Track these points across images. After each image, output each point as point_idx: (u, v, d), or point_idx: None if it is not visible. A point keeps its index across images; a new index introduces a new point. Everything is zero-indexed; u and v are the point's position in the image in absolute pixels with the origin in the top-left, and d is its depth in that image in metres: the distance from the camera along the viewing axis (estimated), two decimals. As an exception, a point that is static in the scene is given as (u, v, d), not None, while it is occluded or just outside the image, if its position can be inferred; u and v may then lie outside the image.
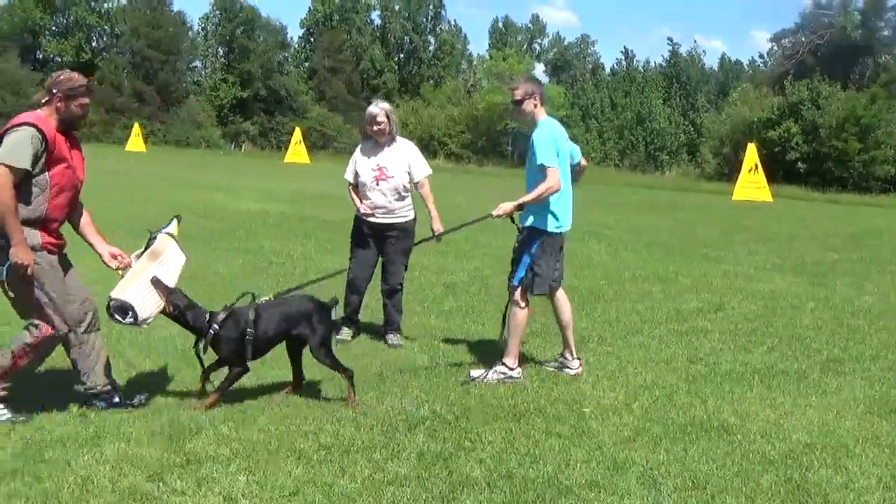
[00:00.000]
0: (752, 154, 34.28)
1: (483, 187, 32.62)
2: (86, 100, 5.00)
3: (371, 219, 7.38)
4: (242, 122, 69.45)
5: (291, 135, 50.70)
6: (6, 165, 4.62)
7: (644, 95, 75.78)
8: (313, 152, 52.06)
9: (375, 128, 7.29)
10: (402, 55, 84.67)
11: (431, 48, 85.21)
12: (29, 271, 4.71)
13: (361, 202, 7.42)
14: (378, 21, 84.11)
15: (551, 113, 6.71)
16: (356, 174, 7.44)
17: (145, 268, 5.19)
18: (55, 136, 4.83)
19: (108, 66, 64.69)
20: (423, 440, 4.98)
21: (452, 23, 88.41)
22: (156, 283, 5.16)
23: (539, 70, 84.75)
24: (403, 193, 7.34)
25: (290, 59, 79.42)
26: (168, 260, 5.32)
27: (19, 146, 4.68)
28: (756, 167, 34.16)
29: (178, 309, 5.31)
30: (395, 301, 7.52)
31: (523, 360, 6.67)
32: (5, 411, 4.92)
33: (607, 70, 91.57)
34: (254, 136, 69.21)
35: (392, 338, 7.41)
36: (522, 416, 5.51)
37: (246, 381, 5.76)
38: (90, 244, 5.33)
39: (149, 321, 5.17)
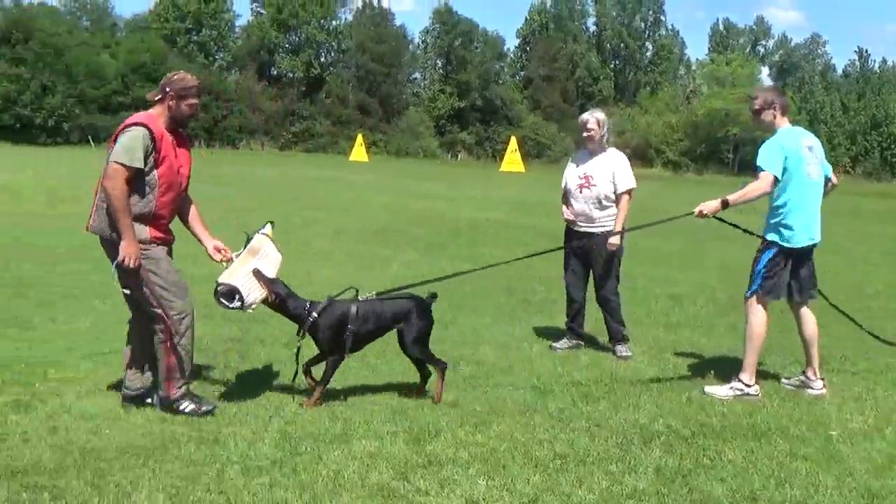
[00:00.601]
0: None
1: (703, 196, 31.67)
2: (195, 101, 5.22)
3: (574, 227, 7.39)
4: (459, 131, 70.97)
5: (506, 144, 51.27)
6: (120, 163, 4.91)
7: (880, 98, 70.69)
8: (528, 161, 52.42)
9: (585, 134, 7.32)
10: (617, 62, 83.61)
11: (648, 54, 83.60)
12: (135, 263, 4.96)
13: (568, 209, 7.42)
14: (593, 28, 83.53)
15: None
16: (566, 181, 7.46)
17: (246, 261, 5.44)
18: (163, 134, 5.09)
19: (335, 80, 68.05)
20: (659, 455, 4.89)
21: (670, 27, 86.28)
22: (257, 274, 5.40)
23: (764, 73, 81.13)
24: (605, 203, 7.24)
25: (505, 69, 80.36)
26: (266, 254, 5.57)
27: (132, 145, 4.95)
28: None
29: (280, 297, 5.51)
30: (609, 311, 7.42)
31: (760, 376, 6.39)
32: (188, 404, 5.22)
33: (839, 71, 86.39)
34: (469, 146, 70.58)
35: (620, 349, 7.32)
36: (763, 436, 5.29)
37: (465, 382, 5.87)
38: (196, 237, 5.56)
39: (253, 307, 5.40)
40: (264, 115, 62.40)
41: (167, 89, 5.12)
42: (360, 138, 52.98)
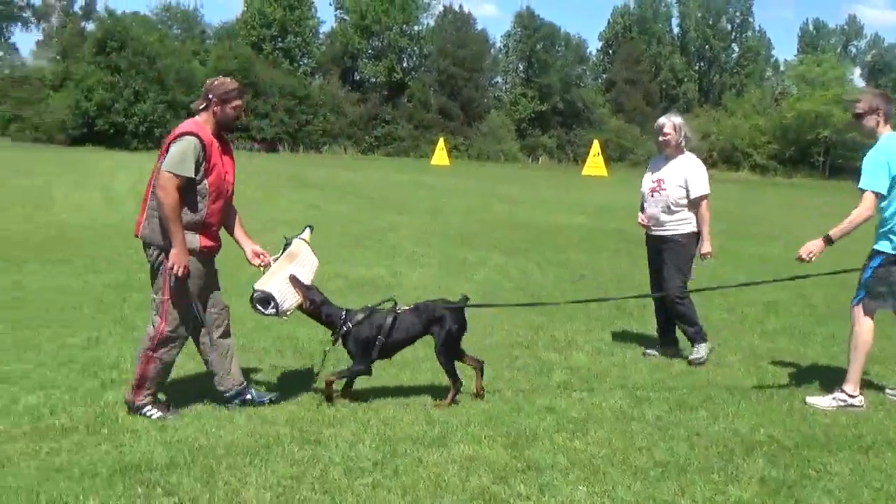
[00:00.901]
0: None
1: (793, 199, 30.97)
2: (238, 102, 5.29)
3: (647, 231, 7.35)
4: (540, 135, 70.75)
5: (587, 147, 50.84)
6: (171, 173, 5.00)
7: (980, 98, 67.87)
8: (610, 164, 51.93)
9: (661, 138, 7.24)
10: (702, 63, 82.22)
11: (734, 55, 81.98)
12: (183, 272, 5.07)
13: (642, 214, 7.41)
14: (677, 30, 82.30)
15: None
16: (642, 185, 7.43)
17: (283, 267, 5.50)
18: (211, 142, 5.17)
19: (417, 84, 68.52)
20: (762, 465, 4.79)
21: (757, 28, 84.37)
22: (293, 280, 5.46)
23: (856, 74, 78.77)
24: (675, 208, 7.13)
25: (587, 72, 79.81)
26: (303, 261, 5.61)
27: (184, 155, 5.03)
28: None
29: (315, 304, 5.57)
30: (676, 314, 7.27)
31: (863, 386, 6.21)
32: (154, 411, 5.26)
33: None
34: (550, 149, 70.30)
35: (694, 350, 7.19)
36: (870, 448, 5.14)
37: (559, 388, 5.86)
38: (237, 242, 5.63)
39: (288, 313, 5.47)
40: (347, 119, 63.26)
41: (210, 96, 5.22)
42: (441, 142, 53.22)
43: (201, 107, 5.26)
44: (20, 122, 53.66)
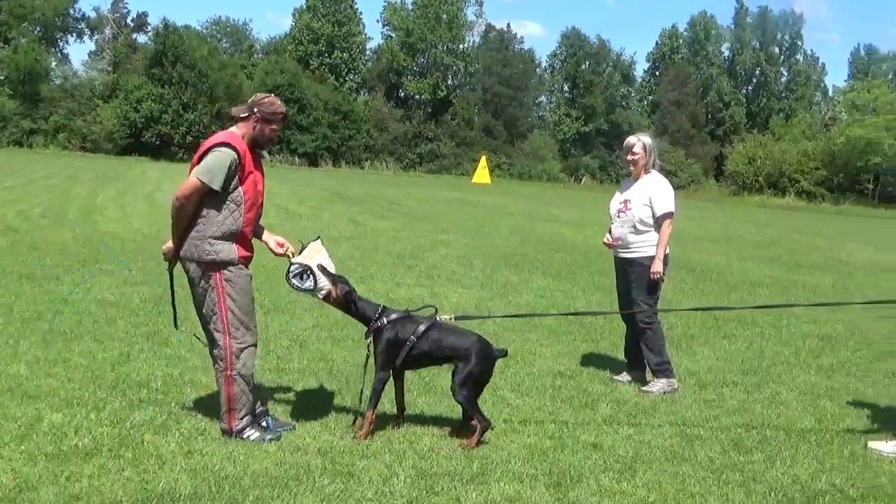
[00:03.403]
0: None
1: (841, 228, 30.32)
2: (277, 127, 5.15)
3: (615, 252, 7.19)
4: (583, 155, 70.44)
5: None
6: (201, 181, 4.88)
7: None
8: (654, 187, 51.26)
9: (629, 157, 7.11)
10: (750, 87, 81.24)
11: (784, 80, 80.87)
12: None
13: (609, 234, 7.24)
14: (727, 53, 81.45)
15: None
16: (610, 207, 7.25)
17: (314, 255, 5.28)
18: (246, 152, 5.01)
19: (461, 102, 68.54)
20: (825, 517, 4.46)
21: (809, 52, 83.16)
22: (323, 269, 5.22)
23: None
24: (641, 228, 6.93)
25: (633, 94, 79.33)
26: (324, 260, 5.34)
27: (217, 167, 4.89)
28: None
29: (348, 294, 5.31)
30: (645, 340, 7.00)
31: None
32: (253, 432, 5.10)
33: None
34: (593, 170, 69.90)
35: (652, 383, 6.91)
36: (943, 501, 4.78)
37: (606, 423, 5.55)
38: (258, 238, 5.44)
39: (322, 293, 5.20)
40: (390, 135, 63.41)
41: (255, 110, 5.06)
42: (483, 160, 52.98)
43: (242, 115, 5.11)
44: (69, 131, 54.47)
